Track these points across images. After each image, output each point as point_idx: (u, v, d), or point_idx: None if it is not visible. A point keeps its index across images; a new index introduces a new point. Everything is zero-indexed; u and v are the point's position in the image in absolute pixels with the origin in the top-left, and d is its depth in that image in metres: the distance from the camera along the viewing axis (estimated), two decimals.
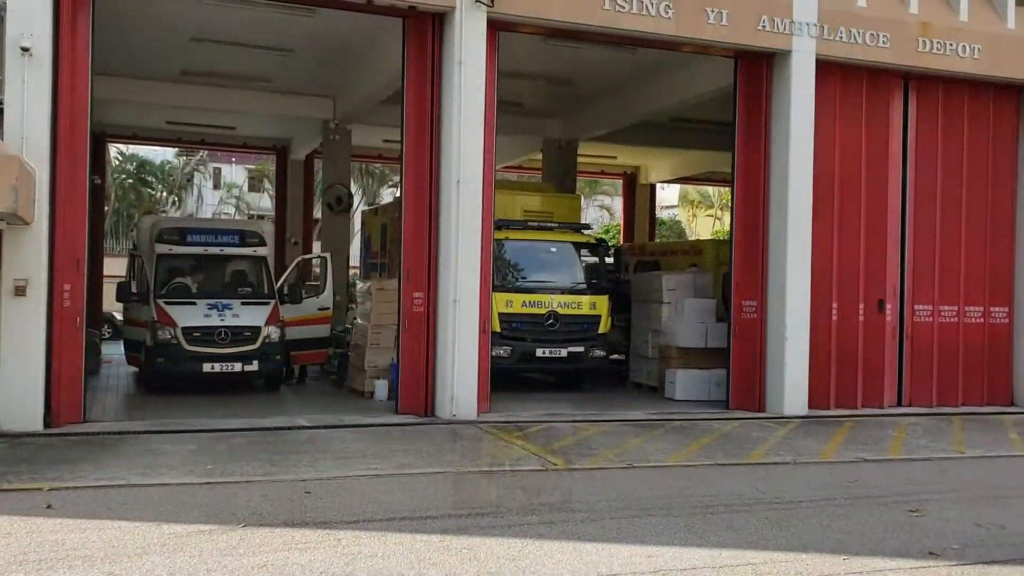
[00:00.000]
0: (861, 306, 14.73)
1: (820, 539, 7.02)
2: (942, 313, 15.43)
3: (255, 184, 51.44)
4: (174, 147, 39.55)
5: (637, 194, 28.45)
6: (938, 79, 15.19)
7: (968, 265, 15.55)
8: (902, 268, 15.24)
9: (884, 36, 14.35)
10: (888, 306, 15.02)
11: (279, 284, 16.24)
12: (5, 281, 10.71)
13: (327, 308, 16.90)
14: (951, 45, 14.79)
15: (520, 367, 15.69)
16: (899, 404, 15.16)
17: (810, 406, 14.07)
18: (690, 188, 45.24)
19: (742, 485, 9.01)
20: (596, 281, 16.44)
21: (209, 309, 14.82)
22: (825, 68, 14.19)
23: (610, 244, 19.99)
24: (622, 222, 30.41)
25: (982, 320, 15.65)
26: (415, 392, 12.84)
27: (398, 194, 14.19)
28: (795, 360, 13.92)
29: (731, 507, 8.06)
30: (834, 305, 14.49)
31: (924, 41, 14.63)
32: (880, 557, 6.61)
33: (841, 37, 14.13)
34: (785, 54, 13.94)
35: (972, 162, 15.57)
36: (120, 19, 13.80)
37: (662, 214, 44.74)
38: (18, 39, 10.56)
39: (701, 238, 35.48)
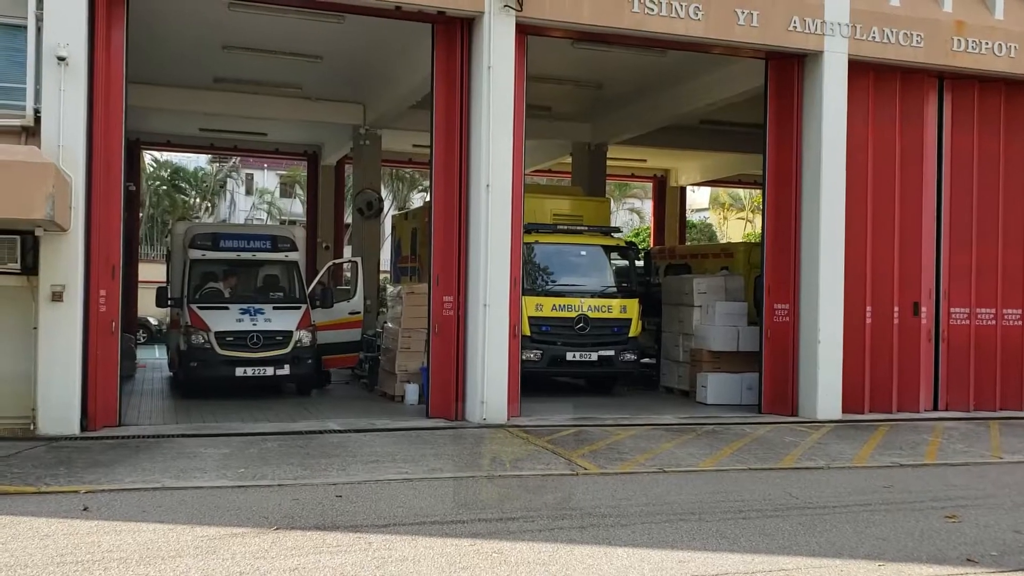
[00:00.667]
0: (896, 309, 14.54)
1: (854, 545, 6.94)
2: (979, 315, 15.19)
3: (287, 190, 51.92)
4: (207, 154, 40.13)
5: (667, 197, 28.33)
6: (973, 78, 14.98)
7: (1005, 267, 15.30)
8: (937, 270, 15.04)
9: (918, 36, 14.18)
10: (923, 308, 14.81)
11: (310, 288, 16.37)
12: (43, 287, 10.91)
13: (358, 312, 17.01)
14: (986, 44, 14.58)
15: (550, 371, 15.66)
16: (935, 408, 14.94)
17: (844, 410, 13.91)
18: (721, 191, 44.94)
19: (775, 490, 8.92)
20: (626, 284, 16.37)
21: (241, 314, 14.97)
22: (857, 68, 14.05)
23: (640, 247, 19.92)
24: (652, 225, 30.30)
25: (1021, 323, 15.37)
26: (445, 396, 12.87)
27: (428, 198, 14.24)
28: (828, 364, 13.77)
29: (763, 512, 7.98)
30: (868, 308, 14.32)
31: (958, 40, 14.43)
32: (916, 563, 6.51)
33: (874, 37, 13.98)
34: (816, 55, 13.82)
35: (1009, 162, 15.32)
36: (153, 28, 14.02)
37: (692, 217, 44.45)
38: (54, 49, 10.75)
39: (732, 241, 35.24)
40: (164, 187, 47.27)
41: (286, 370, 14.78)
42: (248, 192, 52.98)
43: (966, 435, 12.85)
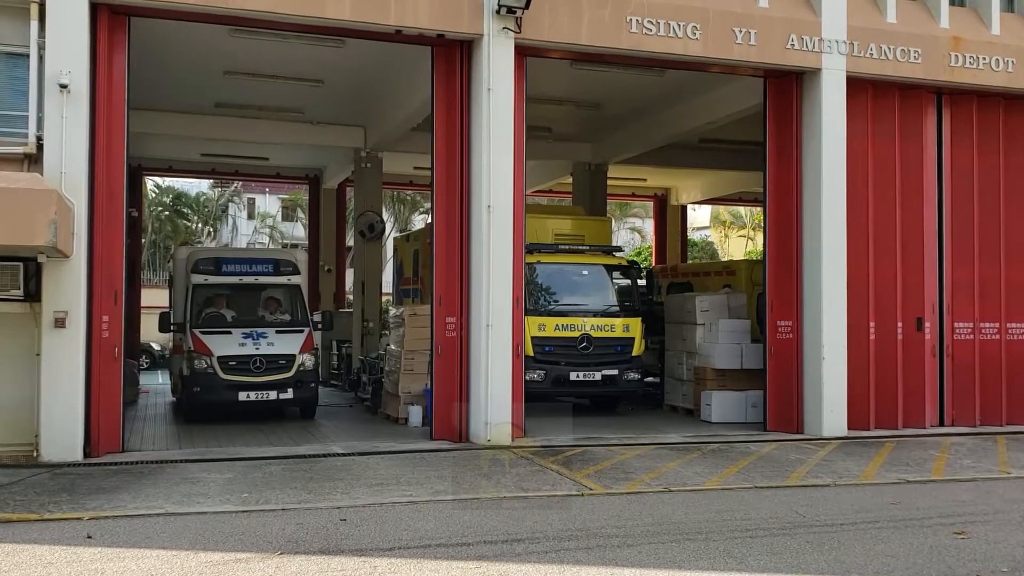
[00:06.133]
0: (899, 324, 14.51)
1: (863, 563, 6.88)
2: (983, 330, 15.15)
3: (288, 213, 52.04)
4: (209, 179, 40.24)
5: (668, 215, 28.36)
6: (971, 93, 15.03)
7: (1008, 280, 15.28)
8: (940, 285, 15.02)
9: (915, 52, 14.25)
10: (927, 324, 14.78)
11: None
12: (45, 313, 10.91)
13: None
14: (984, 59, 14.65)
15: (554, 391, 15.62)
16: (941, 424, 14.88)
17: (849, 427, 13.85)
18: (721, 209, 44.96)
19: (781, 508, 8.87)
20: (629, 303, 16.37)
21: (244, 338, 14.96)
22: (856, 85, 14.11)
23: (642, 266, 19.93)
24: (653, 244, 30.31)
25: None
26: (449, 418, 12.83)
27: (429, 220, 14.27)
28: (833, 380, 13.73)
29: (771, 531, 7.93)
30: (871, 324, 14.29)
31: (956, 56, 14.51)
32: None
33: (871, 54, 14.04)
34: (815, 72, 13.88)
35: (1009, 176, 15.35)
36: (155, 55, 14.10)
37: (694, 235, 44.46)
38: (57, 76, 10.81)
39: (734, 259, 35.23)
40: (166, 212, 47.36)
41: (289, 394, 14.76)
42: (250, 216, 53.09)
43: (973, 450, 12.78)
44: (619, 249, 18.24)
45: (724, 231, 48.90)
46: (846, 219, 13.94)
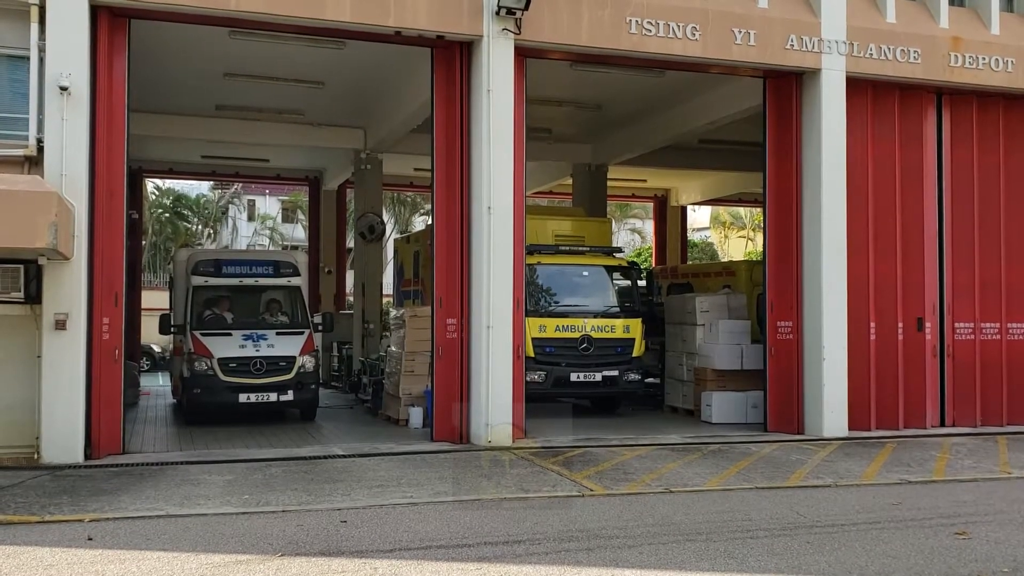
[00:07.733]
0: (900, 324, 14.51)
1: (864, 563, 6.88)
2: (984, 330, 15.15)
3: (289, 215, 52.09)
4: (209, 180, 40.27)
5: (668, 216, 28.37)
6: (971, 94, 15.04)
7: (1009, 281, 15.28)
8: (941, 285, 15.02)
9: (915, 52, 14.26)
10: (927, 324, 14.78)
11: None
12: (46, 315, 10.91)
13: None
14: (983, 59, 14.66)
15: (555, 392, 15.62)
16: (942, 424, 14.87)
17: (850, 427, 13.85)
18: (721, 209, 44.98)
19: (782, 509, 8.87)
20: (629, 304, 16.37)
21: (244, 340, 14.97)
22: (855, 85, 14.12)
23: (642, 267, 19.95)
24: (653, 245, 30.32)
25: None
26: (449, 419, 12.83)
27: (430, 221, 14.28)
28: (833, 381, 13.73)
29: (771, 531, 7.93)
30: (872, 324, 14.29)
31: (955, 56, 14.51)
32: None
33: (871, 54, 14.05)
34: (814, 72, 13.89)
35: (1009, 176, 15.36)
36: (155, 57, 14.11)
37: (694, 236, 44.46)
38: (57, 79, 10.82)
39: (734, 259, 35.23)
40: (166, 214, 47.38)
41: (290, 396, 14.76)
42: (250, 218, 53.13)
43: (974, 451, 12.78)
44: (619, 250, 18.23)
45: (724, 232, 48.89)
46: (846, 219, 13.94)
